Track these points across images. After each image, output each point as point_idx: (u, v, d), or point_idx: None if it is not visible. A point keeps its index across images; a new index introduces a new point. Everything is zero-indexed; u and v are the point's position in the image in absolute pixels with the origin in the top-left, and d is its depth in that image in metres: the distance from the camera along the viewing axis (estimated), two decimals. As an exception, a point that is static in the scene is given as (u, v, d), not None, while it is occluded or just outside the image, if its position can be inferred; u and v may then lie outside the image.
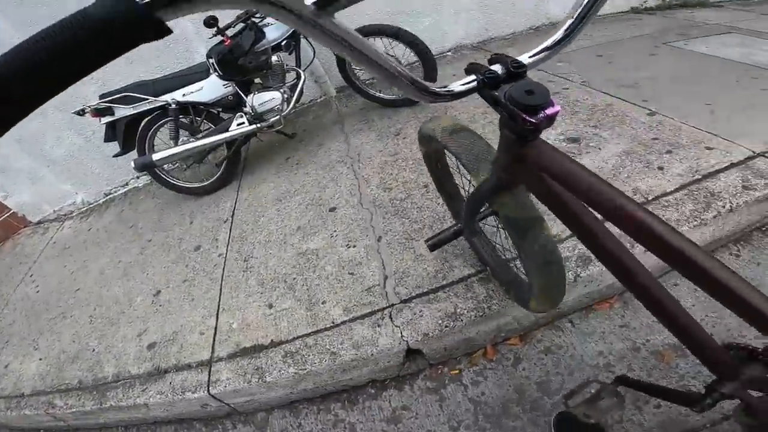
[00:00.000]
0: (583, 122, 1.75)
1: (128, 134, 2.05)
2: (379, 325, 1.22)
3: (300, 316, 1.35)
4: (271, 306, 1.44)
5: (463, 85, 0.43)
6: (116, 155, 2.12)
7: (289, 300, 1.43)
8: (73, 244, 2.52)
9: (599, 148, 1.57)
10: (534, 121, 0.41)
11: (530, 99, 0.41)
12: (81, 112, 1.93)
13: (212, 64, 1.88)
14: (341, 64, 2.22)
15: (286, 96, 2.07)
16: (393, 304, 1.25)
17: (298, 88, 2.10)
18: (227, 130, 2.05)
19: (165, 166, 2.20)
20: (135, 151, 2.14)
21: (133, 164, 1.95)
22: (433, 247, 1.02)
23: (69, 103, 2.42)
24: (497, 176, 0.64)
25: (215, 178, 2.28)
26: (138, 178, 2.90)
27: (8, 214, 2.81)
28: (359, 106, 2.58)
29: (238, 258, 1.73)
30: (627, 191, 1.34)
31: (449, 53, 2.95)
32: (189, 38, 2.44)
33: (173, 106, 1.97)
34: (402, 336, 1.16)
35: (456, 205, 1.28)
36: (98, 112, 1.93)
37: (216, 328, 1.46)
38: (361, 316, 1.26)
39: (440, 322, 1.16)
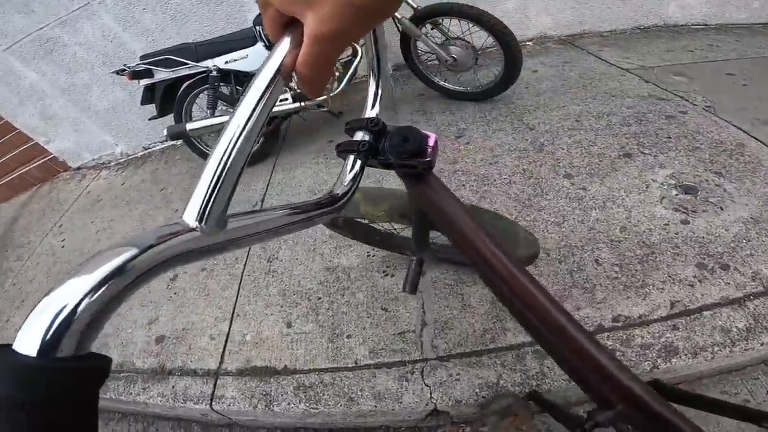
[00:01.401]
0: (704, 165, 1.36)
1: (166, 98, 1.90)
2: (407, 380, 1.05)
3: (320, 346, 1.19)
4: (290, 325, 1.28)
5: (351, 171, 0.40)
6: (152, 118, 1.98)
7: (310, 323, 1.26)
8: (105, 197, 2.47)
9: (720, 208, 1.21)
10: (428, 159, 0.41)
11: (412, 145, 0.41)
12: (120, 72, 1.78)
13: (259, 32, 1.64)
14: (405, 41, 1.89)
15: (337, 73, 1.81)
16: (427, 359, 1.07)
17: (353, 66, 1.82)
18: (268, 106, 1.83)
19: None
20: (172, 116, 1.98)
21: (165, 132, 1.79)
22: (413, 290, 0.91)
23: (116, 58, 2.36)
24: (416, 209, 0.67)
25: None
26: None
27: (49, 158, 2.82)
28: (417, 91, 2.27)
29: (262, 256, 1.55)
30: (746, 274, 1.03)
31: (530, 43, 2.52)
32: (243, -5, 2.20)
33: (214, 73, 1.78)
34: (431, 397, 1.01)
35: (396, 242, 1.21)
36: (136, 75, 1.77)
37: (228, 336, 1.33)
38: (388, 364, 1.10)
39: (477, 391, 0.98)
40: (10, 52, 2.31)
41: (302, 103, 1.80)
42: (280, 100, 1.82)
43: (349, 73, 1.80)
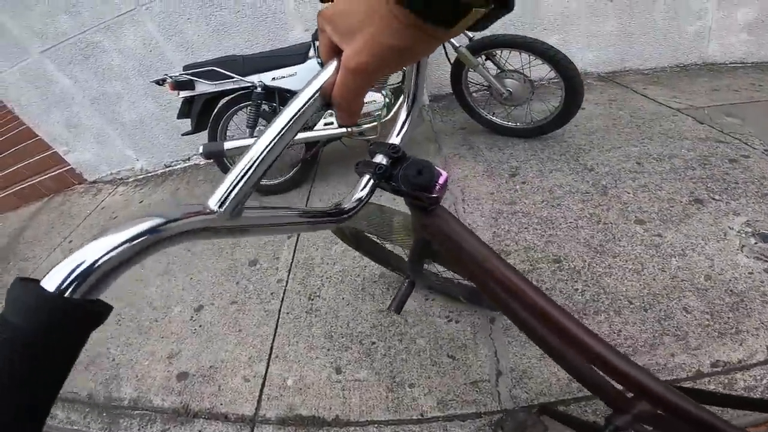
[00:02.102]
0: (775, 212, 1.29)
1: (203, 113, 1.81)
2: (484, 432, 0.94)
3: (378, 395, 1.06)
4: (339, 371, 1.14)
5: (363, 189, 0.42)
6: (186, 134, 1.88)
7: (364, 370, 1.12)
8: (121, 215, 2.35)
9: (803, 258, 1.14)
10: (435, 195, 0.44)
11: (423, 178, 0.43)
12: (161, 82, 1.70)
13: (317, 48, 1.57)
14: (457, 71, 1.82)
15: (387, 100, 1.74)
16: (507, 410, 0.97)
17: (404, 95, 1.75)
18: (312, 129, 1.76)
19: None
20: (206, 132, 1.90)
21: (200, 150, 1.70)
22: (398, 309, 0.91)
23: (153, 69, 2.30)
24: (418, 236, 0.69)
25: (285, 178, 1.99)
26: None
27: (65, 168, 2.71)
28: (458, 124, 2.20)
29: (302, 292, 1.42)
30: None
31: (570, 79, 2.51)
32: (286, 13, 2.17)
33: (259, 89, 1.70)
34: (512, 454, 0.88)
35: (397, 263, 1.23)
36: (177, 85, 1.69)
37: (265, 379, 1.19)
38: (461, 416, 0.99)
39: (569, 444, 0.85)
40: (47, 54, 2.25)
41: (348, 129, 1.73)
42: (326, 125, 1.74)
43: (399, 101, 1.74)
